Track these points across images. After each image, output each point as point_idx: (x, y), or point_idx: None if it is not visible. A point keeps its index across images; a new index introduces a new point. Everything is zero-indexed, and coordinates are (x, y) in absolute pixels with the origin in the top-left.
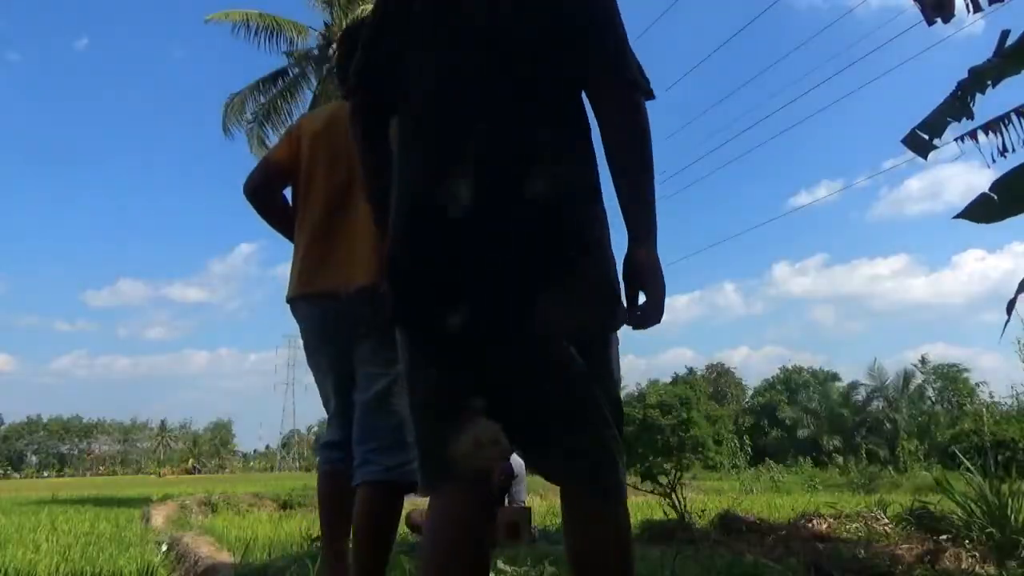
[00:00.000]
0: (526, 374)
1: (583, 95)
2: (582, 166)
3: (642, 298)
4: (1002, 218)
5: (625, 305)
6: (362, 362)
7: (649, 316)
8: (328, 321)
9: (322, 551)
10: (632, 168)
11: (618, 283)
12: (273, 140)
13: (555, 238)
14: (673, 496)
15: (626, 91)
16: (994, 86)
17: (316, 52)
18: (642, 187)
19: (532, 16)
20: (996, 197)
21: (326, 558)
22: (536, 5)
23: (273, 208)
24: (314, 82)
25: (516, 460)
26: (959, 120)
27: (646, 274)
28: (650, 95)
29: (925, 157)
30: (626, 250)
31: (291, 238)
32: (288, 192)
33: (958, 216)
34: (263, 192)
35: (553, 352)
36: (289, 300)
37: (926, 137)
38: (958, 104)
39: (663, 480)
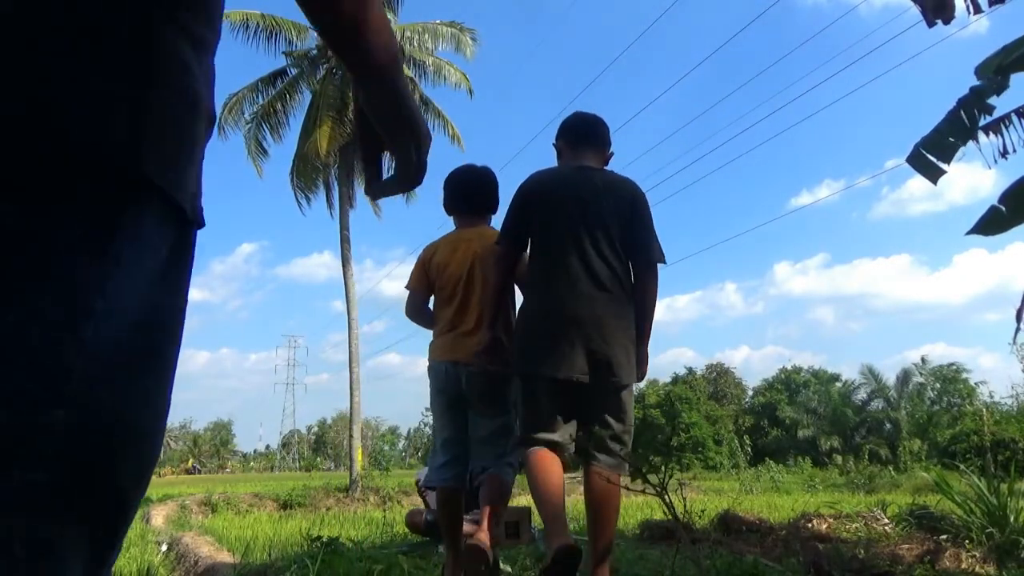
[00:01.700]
0: (606, 403)
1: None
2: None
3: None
4: (1010, 227)
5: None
6: (478, 413)
7: (641, 376)
8: (442, 379)
9: (447, 546)
10: (652, 312)
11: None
12: (271, 141)
13: (625, 334)
14: (665, 496)
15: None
16: (997, 95)
17: (315, 52)
18: (651, 319)
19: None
20: (1004, 208)
21: (450, 550)
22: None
23: (423, 318)
24: (312, 82)
25: None
26: (964, 141)
27: (644, 364)
28: (663, 262)
29: (935, 182)
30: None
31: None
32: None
33: (970, 232)
34: (417, 312)
35: (621, 393)
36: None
37: (934, 160)
38: (961, 123)
39: (653, 480)
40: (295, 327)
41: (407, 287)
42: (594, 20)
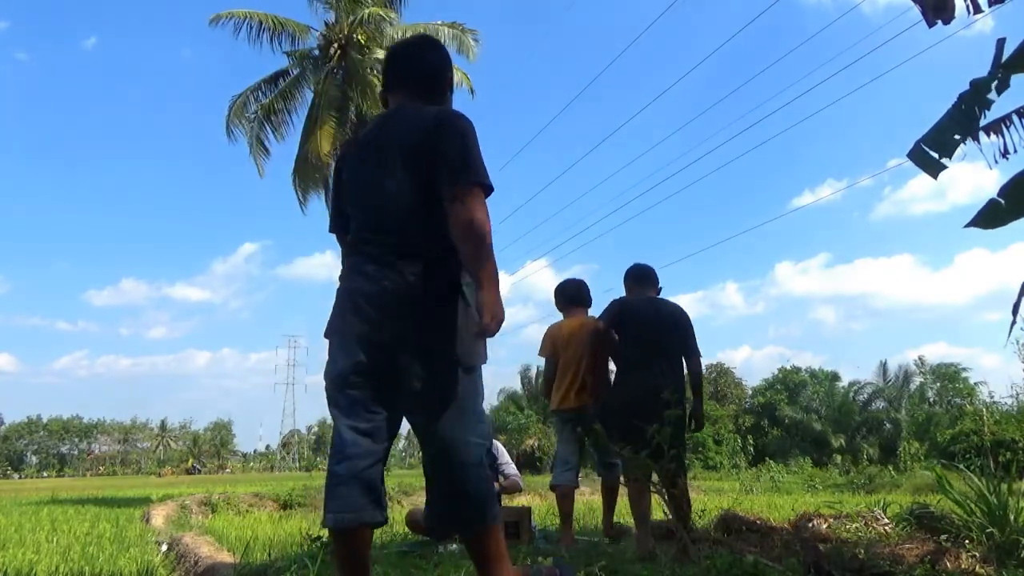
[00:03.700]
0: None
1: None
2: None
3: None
4: (1009, 221)
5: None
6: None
7: (699, 428)
8: (567, 420)
9: (563, 529)
10: (701, 387)
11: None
12: (273, 140)
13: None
14: (665, 496)
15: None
16: (998, 95)
17: (317, 52)
18: (701, 391)
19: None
20: (1003, 202)
21: (564, 530)
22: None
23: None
24: (314, 82)
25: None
26: (965, 135)
27: (700, 419)
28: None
29: (935, 176)
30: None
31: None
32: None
33: (968, 225)
34: (552, 379)
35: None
36: (553, 410)
37: (935, 155)
38: (962, 118)
39: (654, 479)
40: (296, 327)
41: (541, 354)
42: (596, 19)
